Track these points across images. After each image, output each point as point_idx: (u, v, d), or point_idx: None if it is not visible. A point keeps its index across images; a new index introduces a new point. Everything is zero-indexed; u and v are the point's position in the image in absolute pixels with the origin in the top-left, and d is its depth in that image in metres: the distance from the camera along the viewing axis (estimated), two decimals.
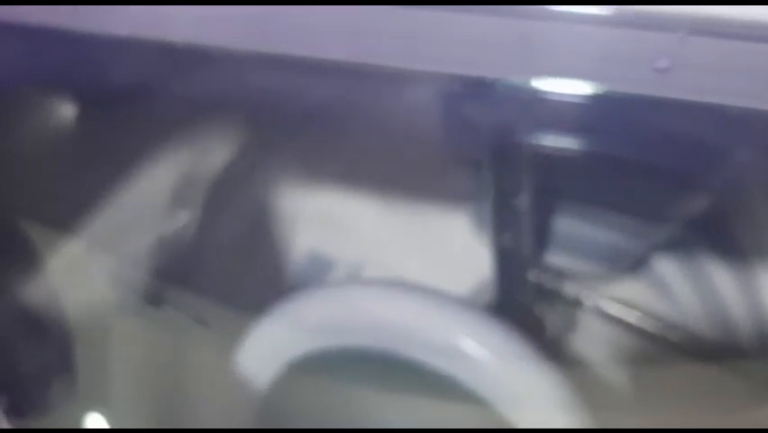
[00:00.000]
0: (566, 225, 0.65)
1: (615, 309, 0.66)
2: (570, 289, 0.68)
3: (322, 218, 0.77)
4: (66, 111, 0.67)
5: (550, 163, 0.57)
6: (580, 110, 0.44)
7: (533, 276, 0.67)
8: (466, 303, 0.65)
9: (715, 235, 0.62)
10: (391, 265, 0.74)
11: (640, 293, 0.66)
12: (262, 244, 0.79)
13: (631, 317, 0.66)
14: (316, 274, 0.76)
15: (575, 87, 0.42)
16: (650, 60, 0.39)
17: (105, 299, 0.66)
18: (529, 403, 0.55)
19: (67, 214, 0.67)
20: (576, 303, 0.67)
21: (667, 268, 0.65)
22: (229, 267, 0.74)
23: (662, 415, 0.55)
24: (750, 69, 0.37)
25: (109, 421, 0.65)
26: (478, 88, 0.48)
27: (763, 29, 0.36)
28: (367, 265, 0.75)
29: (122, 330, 0.65)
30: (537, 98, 0.44)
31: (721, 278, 0.63)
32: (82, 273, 0.67)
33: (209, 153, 0.72)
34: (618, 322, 0.66)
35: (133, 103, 0.61)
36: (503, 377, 0.55)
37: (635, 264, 0.66)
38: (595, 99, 0.42)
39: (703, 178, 0.56)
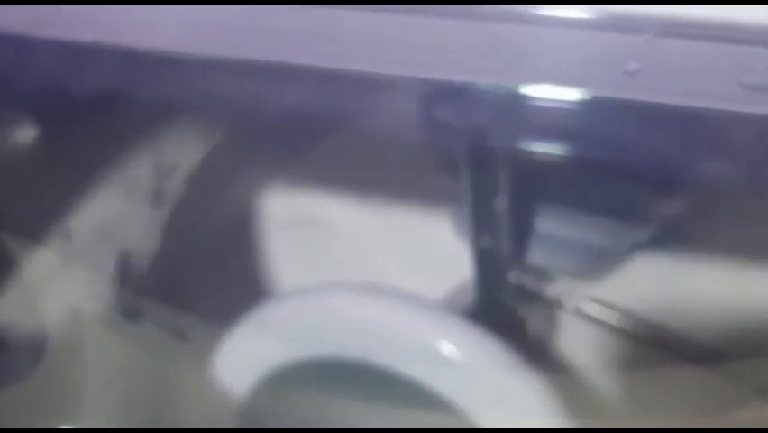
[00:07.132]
0: (545, 226, 0.65)
1: (596, 310, 0.66)
2: (551, 290, 0.67)
3: (301, 223, 0.77)
4: (39, 119, 0.66)
5: (527, 166, 0.57)
6: (553, 113, 0.44)
7: (513, 277, 0.67)
8: (445, 308, 0.65)
9: (693, 235, 0.62)
10: (371, 268, 0.74)
11: (621, 294, 0.66)
12: (241, 252, 0.78)
13: (613, 318, 0.65)
14: None
15: (547, 91, 0.42)
16: (620, 63, 0.38)
17: (79, 312, 0.65)
18: (510, 409, 0.54)
19: (38, 225, 0.66)
20: (557, 304, 0.67)
21: (648, 268, 0.65)
22: (207, 277, 0.73)
23: (647, 418, 0.54)
24: (720, 71, 0.37)
25: None
26: (452, 92, 0.48)
27: (732, 30, 0.36)
28: (347, 268, 0.74)
29: (97, 344, 0.65)
30: (511, 102, 0.44)
31: (703, 278, 0.63)
32: (55, 286, 0.66)
33: (184, 160, 0.72)
34: (600, 323, 0.66)
35: (102, 111, 0.60)
36: (483, 382, 0.55)
37: (615, 265, 0.65)
38: (567, 102, 0.42)
39: (676, 178, 0.56)
